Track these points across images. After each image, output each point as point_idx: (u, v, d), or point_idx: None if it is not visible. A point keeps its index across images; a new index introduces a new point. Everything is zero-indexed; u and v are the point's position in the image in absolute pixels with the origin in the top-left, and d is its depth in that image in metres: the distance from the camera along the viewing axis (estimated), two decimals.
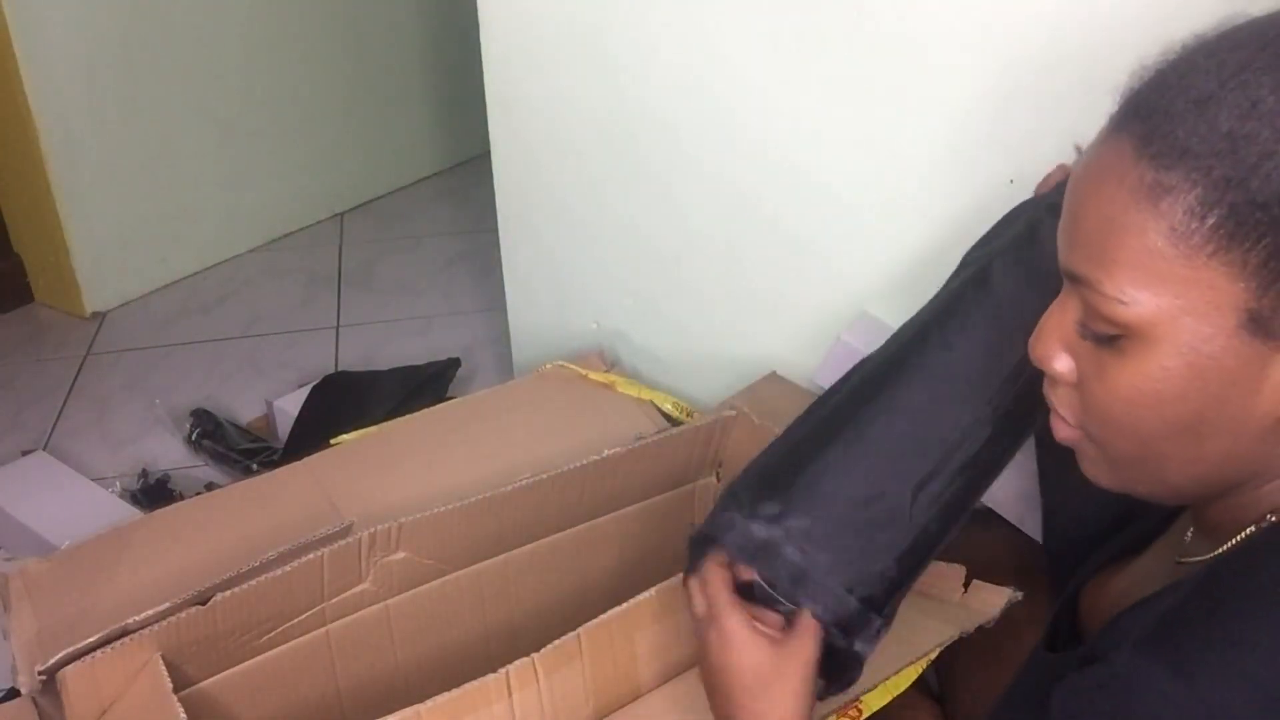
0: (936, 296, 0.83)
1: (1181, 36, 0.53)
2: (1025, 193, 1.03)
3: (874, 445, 0.72)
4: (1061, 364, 0.56)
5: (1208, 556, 0.57)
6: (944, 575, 0.91)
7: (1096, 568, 0.72)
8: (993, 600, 0.89)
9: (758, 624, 0.68)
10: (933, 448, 0.72)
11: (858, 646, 0.69)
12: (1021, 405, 0.73)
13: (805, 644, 0.67)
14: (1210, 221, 0.48)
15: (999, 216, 1.06)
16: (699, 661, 0.71)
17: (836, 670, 0.71)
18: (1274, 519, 0.54)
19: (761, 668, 0.66)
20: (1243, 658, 0.47)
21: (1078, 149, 0.58)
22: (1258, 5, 0.55)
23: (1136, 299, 0.50)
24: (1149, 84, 0.52)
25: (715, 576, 0.70)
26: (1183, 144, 0.48)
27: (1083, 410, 0.56)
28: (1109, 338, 0.52)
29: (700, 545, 0.72)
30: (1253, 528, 0.55)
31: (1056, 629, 0.71)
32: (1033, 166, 1.02)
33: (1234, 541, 0.55)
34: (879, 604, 0.69)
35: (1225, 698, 0.46)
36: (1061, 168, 0.88)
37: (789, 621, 0.68)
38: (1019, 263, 0.78)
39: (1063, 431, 0.59)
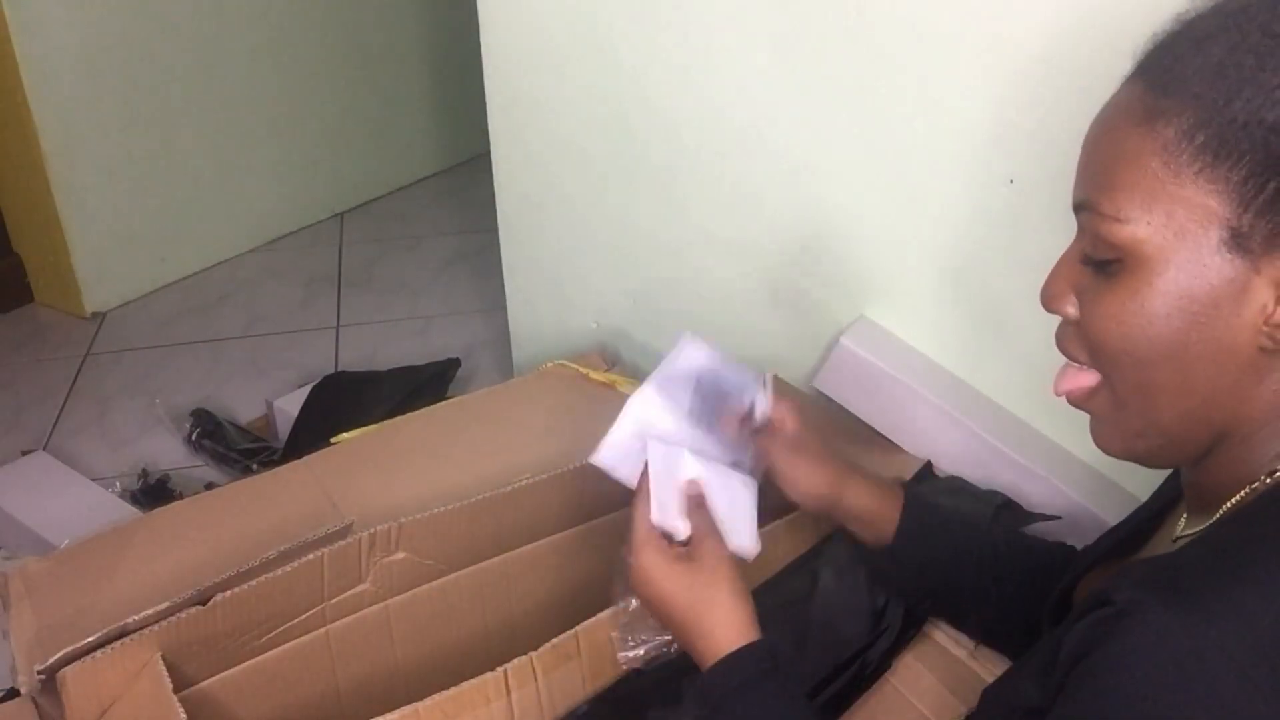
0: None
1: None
2: (1025, 193, 1.04)
3: None
4: (1068, 305, 0.60)
5: (1206, 525, 0.58)
6: None
7: (1090, 565, 0.73)
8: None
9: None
10: None
11: None
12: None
13: (716, 552, 0.74)
14: (1198, 141, 0.52)
15: (998, 217, 1.06)
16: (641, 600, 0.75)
17: None
18: (1268, 480, 0.55)
19: (692, 586, 0.72)
20: (1244, 596, 0.47)
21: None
22: None
23: (1131, 217, 0.54)
24: (1163, 39, 0.57)
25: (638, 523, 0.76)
26: (1180, 75, 0.54)
27: (1087, 345, 0.59)
28: (1107, 263, 0.56)
29: None
30: (1247, 489, 0.56)
31: (1052, 618, 0.72)
32: (1033, 166, 1.02)
33: (1232, 503, 0.57)
34: None
35: (1221, 635, 0.46)
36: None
37: (691, 548, 0.75)
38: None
39: (1069, 383, 0.61)
